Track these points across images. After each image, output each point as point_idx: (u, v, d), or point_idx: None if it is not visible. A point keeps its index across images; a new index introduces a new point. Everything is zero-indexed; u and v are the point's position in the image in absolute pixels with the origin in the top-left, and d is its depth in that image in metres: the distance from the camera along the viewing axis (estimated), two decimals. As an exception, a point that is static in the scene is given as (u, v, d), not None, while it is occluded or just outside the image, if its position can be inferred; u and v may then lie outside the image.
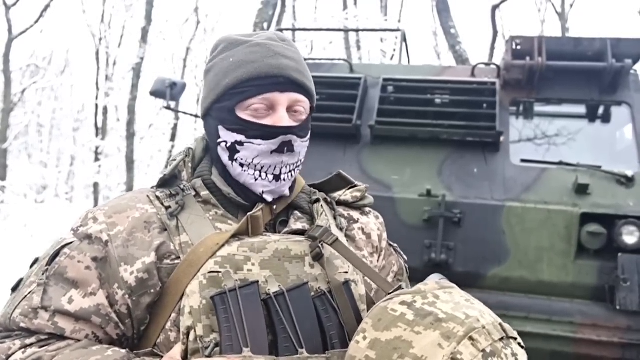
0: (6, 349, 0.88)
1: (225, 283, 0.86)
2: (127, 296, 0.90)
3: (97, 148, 16.99)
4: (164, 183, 1.00)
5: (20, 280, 0.96)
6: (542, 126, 3.37)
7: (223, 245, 0.90)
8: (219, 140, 0.97)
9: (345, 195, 1.10)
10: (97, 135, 17.01)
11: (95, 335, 0.91)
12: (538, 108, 3.46)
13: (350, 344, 0.80)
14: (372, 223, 1.12)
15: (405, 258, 1.19)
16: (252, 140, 0.94)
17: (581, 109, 3.43)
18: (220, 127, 0.96)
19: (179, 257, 0.91)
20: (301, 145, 0.98)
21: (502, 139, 3.14)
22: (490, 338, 0.76)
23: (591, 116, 3.42)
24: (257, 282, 0.88)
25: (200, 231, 0.93)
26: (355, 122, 3.24)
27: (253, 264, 0.89)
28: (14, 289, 0.95)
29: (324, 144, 3.28)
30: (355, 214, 1.10)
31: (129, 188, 12.53)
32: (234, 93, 0.94)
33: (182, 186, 0.99)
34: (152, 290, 0.90)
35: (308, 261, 0.93)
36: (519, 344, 0.83)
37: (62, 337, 0.89)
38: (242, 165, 0.96)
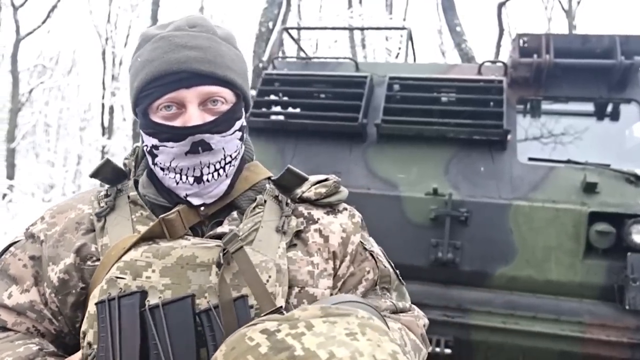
0: None
1: (110, 290, 0.83)
2: (53, 295, 0.92)
3: (103, 147, 17.07)
4: (111, 182, 0.99)
5: None
6: (550, 124, 3.34)
7: (130, 249, 0.87)
8: (143, 144, 0.94)
9: (309, 191, 1.00)
10: (103, 134, 17.08)
11: (36, 329, 0.94)
12: (545, 106, 3.44)
13: None
14: (337, 224, 0.99)
15: (386, 264, 1.05)
16: (165, 144, 0.89)
17: (589, 107, 3.40)
18: (142, 131, 0.93)
19: (99, 259, 0.90)
20: (222, 141, 0.90)
21: (509, 137, 3.12)
22: None
23: (599, 114, 3.39)
24: (142, 292, 0.83)
25: (119, 233, 0.91)
26: (361, 121, 3.23)
27: (153, 271, 0.85)
28: None
29: (329, 143, 3.28)
30: (317, 213, 0.99)
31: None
32: (142, 96, 0.90)
33: (120, 186, 0.98)
34: (74, 291, 0.91)
35: (215, 270, 0.85)
36: None
37: (5, 329, 0.93)
38: (162, 169, 0.93)
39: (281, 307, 0.81)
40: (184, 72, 0.86)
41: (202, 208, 0.94)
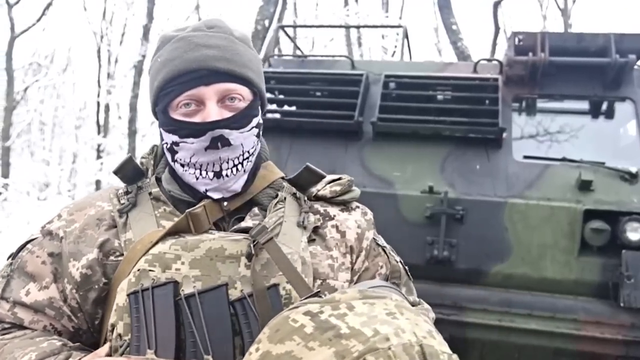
0: None
1: (142, 282, 0.85)
2: (74, 291, 0.92)
3: (99, 146, 17.01)
4: (130, 180, 1.01)
5: None
6: (545, 122, 3.35)
7: (157, 243, 0.89)
8: (163, 142, 0.98)
9: (324, 189, 1.04)
10: (99, 132, 17.02)
11: (54, 327, 0.94)
12: (541, 104, 3.44)
13: (245, 354, 0.74)
14: (352, 220, 1.04)
15: (397, 259, 1.10)
16: (185, 140, 0.92)
17: (584, 105, 3.41)
18: (161, 129, 0.96)
19: (123, 254, 0.92)
20: (241, 137, 0.93)
21: (504, 135, 3.13)
22: None
23: (594, 112, 3.40)
24: (174, 282, 0.85)
25: (143, 228, 0.93)
26: (357, 119, 3.22)
27: (182, 263, 0.87)
28: None
29: (325, 141, 3.27)
30: (333, 210, 1.03)
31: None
32: (163, 95, 0.93)
33: (140, 183, 1.00)
34: (96, 286, 0.92)
35: (244, 261, 0.88)
36: None
37: (22, 327, 0.93)
38: (182, 165, 0.95)
39: (319, 291, 0.82)
40: (203, 69, 0.90)
41: (225, 203, 0.96)
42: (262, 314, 0.83)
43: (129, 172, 1.00)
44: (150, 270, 0.86)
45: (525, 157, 3.13)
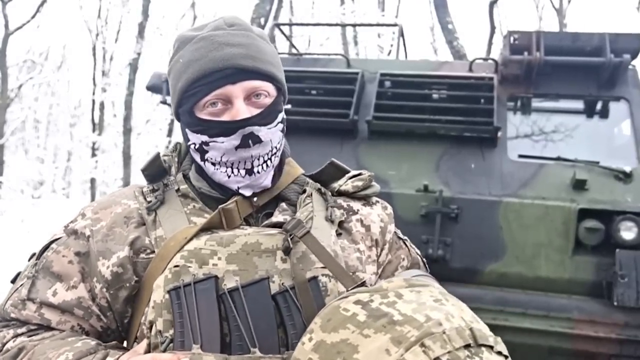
0: (1, 337, 0.93)
1: (183, 277, 0.85)
2: (104, 290, 0.91)
3: (94, 144, 16.95)
4: (153, 178, 1.00)
5: (19, 274, 1.00)
6: (540, 122, 3.35)
7: (191, 239, 0.89)
8: (189, 143, 0.97)
9: (346, 185, 1.05)
10: (93, 130, 16.95)
11: (81, 327, 0.93)
12: (536, 103, 3.45)
13: (298, 344, 0.75)
14: (375, 214, 1.05)
15: (417, 251, 1.13)
16: (215, 139, 0.92)
17: (579, 105, 3.42)
18: (187, 130, 0.96)
19: (153, 251, 0.91)
20: (270, 133, 0.94)
21: (499, 134, 3.13)
22: (450, 345, 0.67)
23: (589, 112, 3.41)
24: (215, 277, 0.85)
25: (174, 225, 0.93)
26: (352, 117, 3.22)
27: (219, 258, 0.87)
28: (13, 282, 1.00)
29: (320, 139, 3.26)
30: (356, 205, 1.05)
31: (126, 183, 12.51)
32: (188, 95, 0.92)
33: (165, 181, 0.99)
34: (128, 284, 0.91)
35: (280, 255, 0.89)
36: (499, 352, 0.71)
37: (49, 328, 0.93)
38: (213, 164, 0.95)
39: (364, 281, 0.84)
40: (229, 68, 0.89)
41: (255, 199, 0.96)
42: (305, 305, 0.85)
43: (154, 170, 1.00)
44: (187, 267, 0.86)
45: (520, 156, 3.13)
